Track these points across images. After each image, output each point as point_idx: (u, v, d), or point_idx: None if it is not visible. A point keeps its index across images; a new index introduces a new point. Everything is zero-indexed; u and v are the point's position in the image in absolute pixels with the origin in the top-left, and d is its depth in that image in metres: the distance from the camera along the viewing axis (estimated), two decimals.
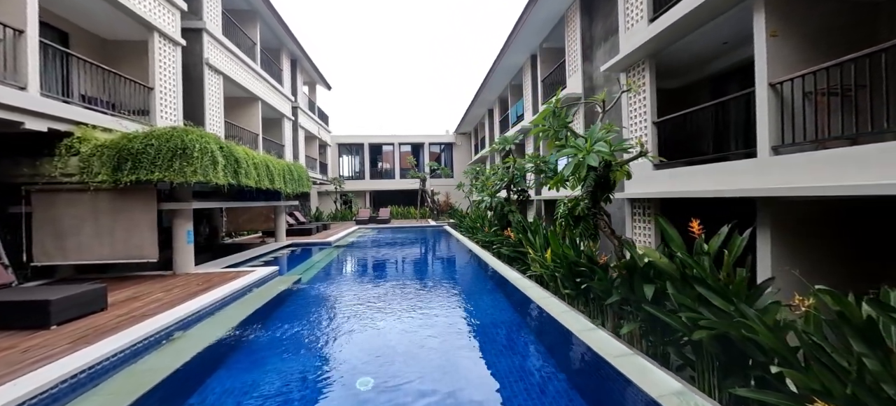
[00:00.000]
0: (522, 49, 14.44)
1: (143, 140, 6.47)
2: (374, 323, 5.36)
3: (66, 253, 6.76)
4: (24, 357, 3.54)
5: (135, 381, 3.52)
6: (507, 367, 4.15)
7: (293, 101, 18.25)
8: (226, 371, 3.90)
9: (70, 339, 3.99)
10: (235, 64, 12.38)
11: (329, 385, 3.69)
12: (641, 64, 7.89)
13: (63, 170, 6.44)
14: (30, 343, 3.89)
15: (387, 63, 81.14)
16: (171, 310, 4.89)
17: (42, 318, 4.26)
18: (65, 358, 3.43)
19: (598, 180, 4.85)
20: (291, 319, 5.44)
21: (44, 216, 6.71)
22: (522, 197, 10.69)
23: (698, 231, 4.10)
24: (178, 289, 6.18)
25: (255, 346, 4.42)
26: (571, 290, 6.22)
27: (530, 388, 3.62)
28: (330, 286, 7.61)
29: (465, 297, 7.03)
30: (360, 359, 4.24)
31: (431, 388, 3.60)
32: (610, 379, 3.32)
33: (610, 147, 4.37)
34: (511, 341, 4.91)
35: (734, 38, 7.04)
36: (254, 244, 12.63)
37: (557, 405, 3.30)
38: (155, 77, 8.63)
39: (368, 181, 28.54)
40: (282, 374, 3.78)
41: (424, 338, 4.95)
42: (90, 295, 4.78)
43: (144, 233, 6.90)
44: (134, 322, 4.48)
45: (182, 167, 6.47)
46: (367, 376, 3.90)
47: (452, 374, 3.99)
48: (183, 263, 7.50)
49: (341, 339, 4.76)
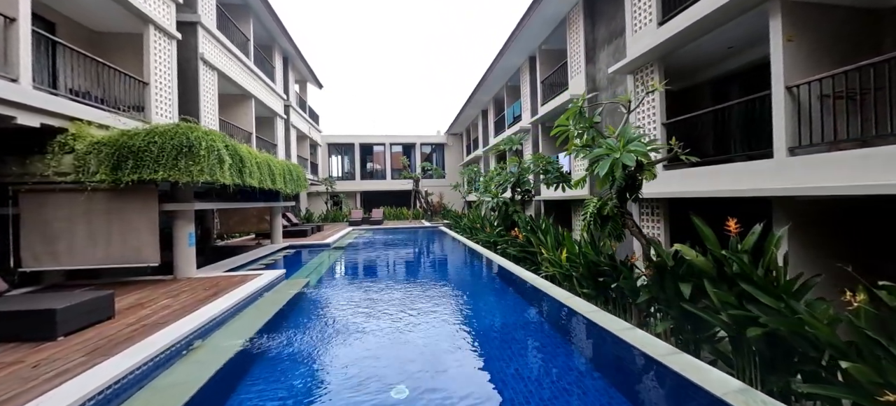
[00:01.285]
0: (521, 51, 14.51)
1: (144, 137, 6.10)
2: (398, 328, 5.21)
3: (57, 257, 6.30)
4: (35, 373, 3.24)
5: (162, 400, 3.27)
6: (548, 367, 4.10)
7: (285, 99, 17.76)
8: (253, 384, 3.68)
9: (82, 351, 3.69)
10: (230, 60, 11.93)
11: (363, 396, 3.50)
12: (650, 66, 8.02)
13: (56, 168, 6.00)
14: (38, 357, 3.57)
15: (376, 63, 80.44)
16: (186, 317, 4.61)
17: (47, 328, 3.92)
18: (83, 374, 3.15)
19: (627, 180, 4.87)
20: (311, 326, 5.23)
21: (33, 218, 6.24)
22: (527, 197, 10.71)
23: (735, 230, 4.15)
24: (185, 294, 5.85)
25: (280, 356, 4.20)
26: (590, 289, 6.24)
27: (580, 388, 3.57)
28: (342, 290, 7.39)
29: (486, 299, 6.96)
30: (391, 366, 4.09)
31: (472, 393, 3.50)
32: (665, 378, 3.30)
33: (645, 147, 4.38)
34: (546, 342, 4.87)
35: (741, 42, 7.24)
36: (248, 246, 12.19)
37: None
38: (150, 72, 8.19)
39: (359, 182, 28.12)
40: (313, 387, 3.59)
41: (455, 342, 4.85)
42: (97, 303, 4.45)
43: (144, 235, 6.51)
44: (148, 332, 4.19)
45: (188, 166, 6.13)
46: (401, 385, 3.77)
47: (491, 378, 3.90)
48: (184, 267, 7.12)
49: (366, 345, 4.58)
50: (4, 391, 2.91)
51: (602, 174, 4.45)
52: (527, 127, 14.92)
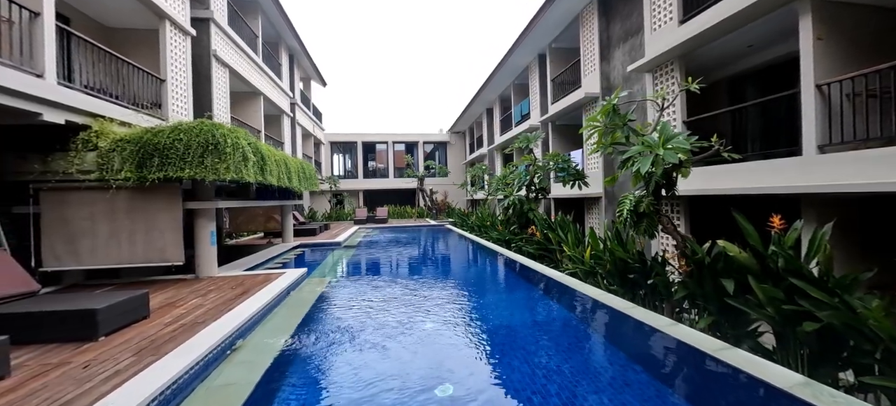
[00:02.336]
0: (530, 49, 14.51)
1: (169, 134, 6.01)
2: (435, 325, 5.20)
3: (79, 256, 6.19)
4: (88, 374, 3.17)
5: (219, 400, 3.23)
6: (593, 362, 4.12)
7: (292, 96, 17.62)
8: (303, 383, 3.64)
9: (129, 351, 3.63)
10: (240, 57, 11.80)
11: (407, 395, 3.46)
12: (670, 65, 8.06)
13: (80, 166, 5.89)
14: (85, 357, 3.50)
15: (377, 61, 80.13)
16: (225, 317, 4.55)
17: (89, 329, 3.85)
18: (140, 374, 3.09)
19: (664, 178, 4.89)
20: (346, 324, 5.18)
21: (54, 217, 6.13)
22: (542, 195, 10.73)
23: (779, 225, 4.19)
24: (213, 294, 5.78)
25: (322, 354, 4.16)
26: (617, 286, 6.27)
27: (631, 383, 3.58)
28: (368, 288, 7.33)
29: (514, 295, 6.95)
30: (432, 364, 4.07)
31: (519, 392, 3.49)
32: (722, 374, 3.32)
33: (687, 143, 4.40)
34: (587, 337, 4.88)
35: (762, 40, 7.30)
36: (259, 245, 12.08)
37: (669, 402, 3.27)
38: (166, 68, 8.08)
39: (362, 180, 28.00)
40: (357, 384, 3.53)
41: (494, 339, 4.85)
42: (133, 302, 4.38)
43: (167, 234, 6.42)
44: (188, 331, 4.14)
45: (214, 164, 6.05)
46: (446, 383, 3.76)
47: (535, 374, 3.90)
48: (206, 266, 7.04)
49: (404, 343, 4.55)
50: (62, 393, 2.85)
51: (643, 171, 4.46)
52: (536, 125, 14.94)
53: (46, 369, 3.27)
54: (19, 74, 4.88)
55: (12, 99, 4.80)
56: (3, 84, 4.59)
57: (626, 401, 3.37)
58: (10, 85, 4.68)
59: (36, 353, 3.59)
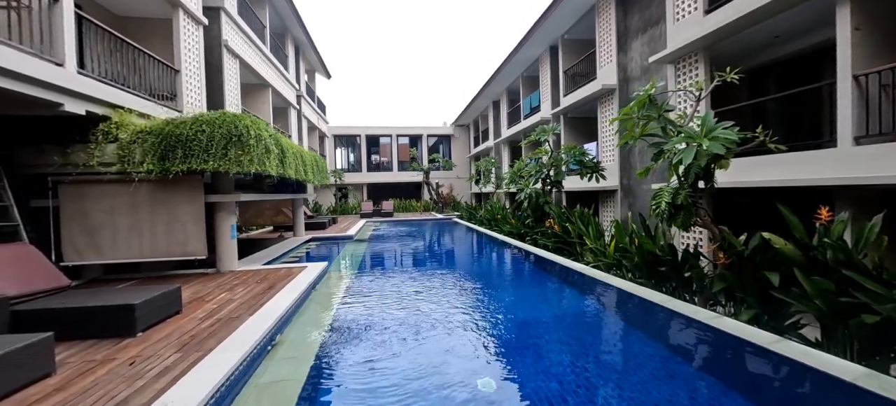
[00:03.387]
0: (542, 41, 14.34)
1: (192, 125, 5.87)
2: (468, 318, 5.14)
3: (100, 250, 6.08)
4: (137, 371, 3.09)
5: (273, 397, 3.15)
6: (635, 354, 4.08)
7: (298, 89, 17.39)
8: (350, 376, 3.57)
9: (172, 347, 3.55)
10: (250, 48, 11.59)
11: (451, 388, 3.41)
12: (693, 56, 7.96)
13: (100, 158, 5.75)
14: (128, 353, 3.42)
15: (379, 53, 79.38)
16: (260, 312, 4.47)
17: (127, 324, 3.76)
18: (193, 371, 3.01)
19: (703, 170, 4.81)
20: (379, 318, 5.12)
21: (73, 210, 6.00)
22: (557, 189, 10.66)
23: (827, 217, 4.14)
24: (240, 288, 5.70)
25: (362, 349, 4.10)
26: (645, 279, 6.23)
27: (679, 376, 3.55)
28: (392, 282, 7.24)
29: (539, 289, 6.91)
30: (469, 357, 4.03)
31: (563, 388, 3.45)
32: (780, 366, 3.28)
33: (732, 134, 4.32)
34: (627, 331, 4.85)
35: (790, 31, 7.21)
36: (271, 239, 11.97)
37: (729, 399, 3.23)
38: (181, 58, 7.89)
39: (366, 174, 27.83)
40: (398, 379, 3.48)
41: (528, 332, 4.82)
42: (168, 297, 4.29)
43: (190, 227, 6.31)
44: (224, 327, 4.06)
45: (238, 156, 5.93)
46: (487, 377, 3.71)
47: (580, 368, 3.87)
48: (227, 260, 6.94)
49: (440, 336, 4.50)
50: (115, 391, 2.77)
51: (687, 162, 4.39)
52: (547, 117, 14.83)
53: (91, 366, 3.18)
54: (41, 63, 4.73)
55: (35, 88, 4.65)
56: (27, 72, 4.44)
57: (674, 394, 3.34)
58: (33, 73, 4.52)
59: (76, 350, 3.50)
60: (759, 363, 3.51)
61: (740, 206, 7.77)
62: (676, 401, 3.22)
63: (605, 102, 11.15)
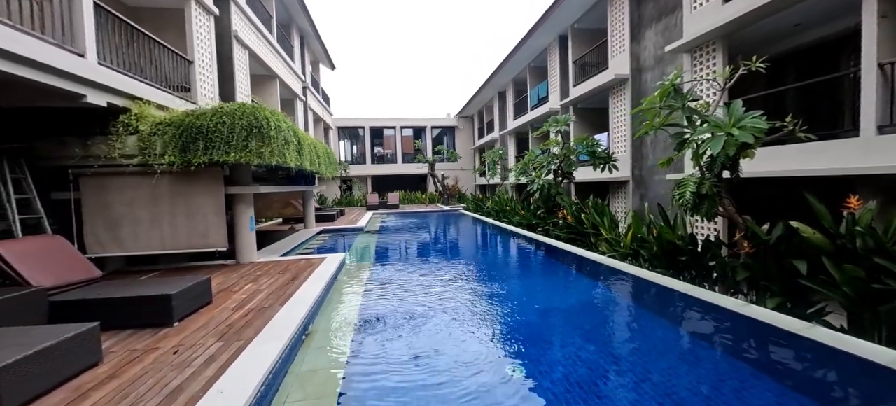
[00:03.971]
0: (551, 30, 14.20)
1: (212, 117, 5.85)
2: (489, 306, 5.19)
3: (122, 242, 6.10)
4: (182, 360, 3.13)
5: (316, 386, 3.19)
6: (661, 343, 4.13)
7: (304, 80, 17.27)
8: (386, 365, 3.61)
9: (211, 336, 3.59)
10: (258, 38, 11.48)
11: (483, 375, 3.46)
12: (711, 45, 7.89)
13: (122, 150, 5.75)
14: (169, 343, 3.46)
15: (380, 45, 78.65)
16: (291, 302, 4.50)
17: (165, 314, 3.80)
18: (240, 359, 3.05)
19: (730, 159, 4.81)
20: (405, 308, 5.16)
21: (95, 203, 6.01)
22: (569, 179, 10.66)
23: (856, 205, 4.16)
24: (264, 279, 5.73)
25: (394, 337, 4.15)
26: (662, 269, 6.27)
27: (706, 360, 3.59)
28: (411, 272, 7.28)
29: (558, 278, 6.95)
30: (498, 342, 4.12)
31: (598, 377, 3.50)
32: (814, 351, 3.32)
33: (761, 123, 4.31)
34: (652, 318, 4.89)
35: (812, 19, 7.15)
36: (282, 231, 12.00)
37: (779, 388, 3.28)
38: (194, 49, 7.83)
39: (370, 166, 27.77)
40: (433, 367, 3.53)
41: (551, 319, 4.87)
42: (199, 287, 4.32)
43: (210, 219, 6.32)
44: (258, 316, 4.10)
45: (259, 148, 5.92)
46: (517, 363, 3.76)
47: (607, 355, 3.92)
48: (246, 252, 6.97)
49: (470, 326, 4.55)
50: (166, 379, 2.81)
51: (715, 151, 4.39)
52: (556, 108, 14.76)
53: (136, 355, 3.22)
54: (64, 53, 4.69)
55: (58, 79, 4.63)
56: (52, 63, 4.42)
57: (702, 378, 3.39)
58: (57, 64, 4.50)
59: (116, 339, 3.54)
60: (791, 349, 3.56)
61: (755, 196, 7.79)
62: (705, 384, 3.27)
63: (617, 93, 11.09)
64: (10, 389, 2.36)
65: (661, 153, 9.67)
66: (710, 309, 4.43)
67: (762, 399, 3.04)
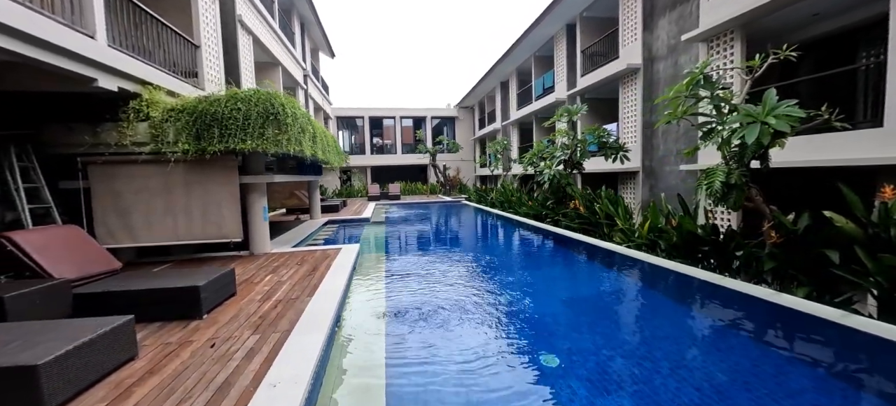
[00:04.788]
0: (558, 19, 14.02)
1: (227, 103, 5.65)
2: (513, 295, 5.15)
3: (134, 233, 5.93)
4: (221, 352, 3.03)
5: (359, 382, 3.12)
6: (690, 330, 4.13)
7: (305, 68, 16.91)
8: (423, 358, 3.55)
9: (245, 328, 3.49)
10: (261, 24, 11.15)
11: (517, 364, 3.45)
12: (729, 34, 7.82)
13: (133, 137, 5.54)
14: (201, 335, 3.35)
15: (378, 33, 77.23)
16: (318, 293, 4.41)
17: (193, 306, 3.68)
18: (284, 352, 2.96)
19: (759, 149, 4.78)
20: (428, 299, 5.10)
21: (105, 192, 5.81)
22: (579, 170, 10.61)
23: (891, 195, 4.16)
24: (283, 270, 5.61)
25: (425, 328, 4.09)
26: (680, 259, 6.27)
27: (737, 347, 3.59)
28: (428, 263, 7.21)
29: (580, 268, 6.93)
30: (530, 333, 4.10)
31: (628, 356, 3.50)
32: (854, 338, 3.33)
33: (796, 112, 4.26)
34: (679, 307, 4.89)
35: (830, 9, 7.10)
36: (287, 222, 11.83)
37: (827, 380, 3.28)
38: (200, 33, 7.56)
39: (369, 156, 27.49)
40: (468, 357, 3.50)
41: (577, 307, 4.85)
42: (225, 279, 4.20)
43: (225, 209, 6.16)
44: (288, 308, 4.00)
45: (276, 135, 5.75)
46: (551, 354, 3.74)
47: (636, 343, 3.90)
48: (260, 243, 6.83)
49: (499, 315, 4.52)
50: (210, 374, 2.71)
51: (750, 140, 4.34)
52: (562, 98, 14.65)
53: (171, 348, 3.11)
54: (74, 34, 4.46)
55: (69, 61, 4.41)
56: (62, 44, 4.20)
57: (737, 364, 3.39)
58: (67, 45, 4.27)
59: (146, 332, 3.42)
60: (825, 335, 3.57)
61: (775, 186, 7.81)
62: (742, 371, 3.28)
63: (628, 82, 11.01)
64: (53, 385, 2.25)
65: (674, 143, 9.66)
66: (739, 297, 4.44)
67: (799, 384, 3.08)
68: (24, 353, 2.29)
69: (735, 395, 2.91)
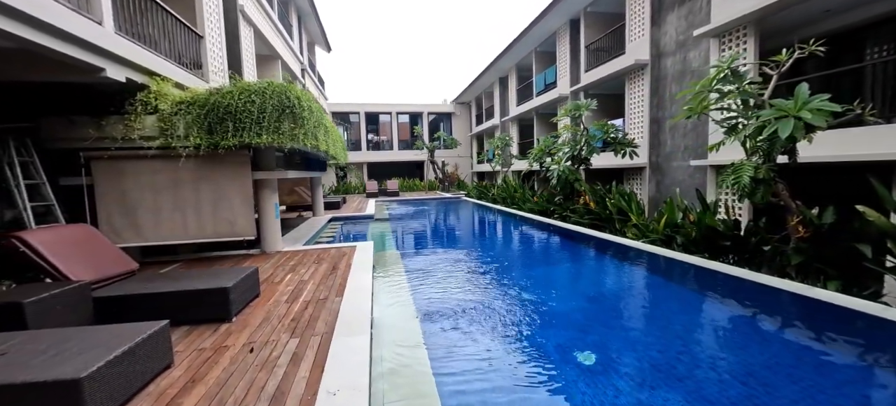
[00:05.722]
0: (562, 14, 13.94)
1: (240, 96, 5.40)
2: (542, 297, 5.07)
3: (141, 232, 5.64)
4: (263, 358, 2.86)
5: (409, 387, 2.99)
6: (722, 325, 4.11)
7: (302, 62, 16.50)
8: (464, 357, 3.44)
9: (283, 330, 3.31)
10: (261, 15, 10.79)
11: (555, 365, 3.37)
12: (742, 30, 7.84)
13: (141, 131, 5.25)
14: (235, 339, 3.17)
15: (372, 29, 76.07)
16: (348, 292, 4.24)
17: (222, 309, 3.49)
18: (332, 361, 2.79)
19: (790, 144, 4.77)
20: (453, 298, 4.98)
21: (110, 189, 5.51)
22: (586, 166, 10.59)
23: None
24: (303, 269, 5.41)
25: (457, 328, 3.98)
26: (699, 253, 6.28)
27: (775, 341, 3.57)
28: (446, 261, 7.07)
29: (602, 264, 6.88)
30: (563, 330, 4.05)
31: (664, 351, 3.46)
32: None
33: (829, 105, 4.25)
34: (712, 303, 4.87)
35: (841, 4, 7.17)
36: (290, 219, 11.53)
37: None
38: (204, 23, 7.23)
39: (365, 152, 27.10)
40: (505, 359, 3.42)
41: (600, 304, 4.80)
42: (250, 279, 4.00)
43: (237, 206, 5.91)
44: (320, 307, 3.84)
45: (292, 130, 5.52)
46: (587, 351, 3.67)
47: (672, 339, 3.87)
48: (272, 241, 6.59)
49: (528, 312, 4.44)
50: (259, 382, 2.54)
51: (784, 135, 4.32)
52: (565, 94, 14.62)
53: (207, 354, 2.92)
54: (82, 20, 4.16)
55: (76, 48, 4.12)
56: (70, 30, 3.91)
57: (774, 358, 3.37)
58: (76, 31, 3.99)
59: (175, 338, 3.21)
60: (860, 327, 3.57)
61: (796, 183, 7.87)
62: (781, 365, 3.27)
63: (635, 78, 11.01)
64: (97, 399, 2.06)
65: (681, 139, 9.69)
66: (762, 289, 4.45)
67: (845, 375, 3.08)
68: (62, 366, 2.08)
69: (780, 386, 2.90)
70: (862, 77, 7.70)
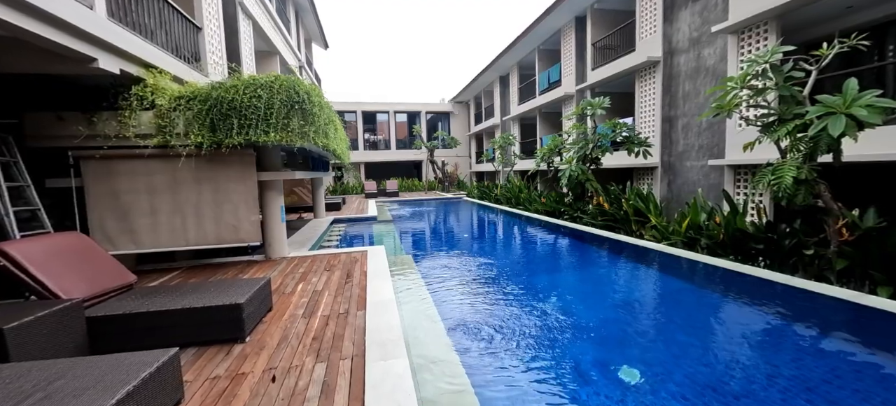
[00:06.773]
0: (567, 11, 13.67)
1: (245, 90, 4.98)
2: (571, 304, 4.76)
3: (136, 238, 5.19)
4: (290, 388, 2.48)
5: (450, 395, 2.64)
6: (762, 333, 3.83)
7: (300, 59, 15.99)
8: (499, 369, 3.11)
9: (305, 353, 2.93)
10: (260, 9, 10.31)
11: (592, 378, 3.10)
12: (762, 26, 7.62)
13: (136, 129, 4.81)
14: (252, 364, 2.78)
15: (370, 27, 75.24)
16: (370, 304, 3.87)
17: (235, 328, 3.10)
18: (373, 393, 2.43)
19: (835, 142, 4.52)
20: (482, 308, 4.64)
21: (102, 191, 5.05)
22: (597, 165, 10.32)
23: None
24: (314, 277, 5.02)
25: (485, 338, 3.64)
26: (726, 257, 6.03)
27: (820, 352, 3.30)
28: (462, 265, 6.73)
29: (628, 269, 6.58)
30: (598, 343, 3.75)
31: (714, 369, 3.18)
32: None
33: (882, 101, 4.01)
34: (750, 309, 4.59)
35: (864, 1, 6.99)
36: (291, 221, 11.07)
37: None
38: (202, 14, 6.78)
39: (363, 152, 26.61)
40: (541, 372, 3.15)
41: (640, 311, 4.50)
42: (263, 292, 3.61)
43: (241, 210, 5.49)
44: (343, 325, 3.46)
45: (302, 127, 5.12)
46: (629, 366, 3.37)
47: (718, 349, 3.57)
48: (278, 246, 6.17)
49: (559, 320, 4.12)
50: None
51: (835, 133, 4.06)
52: (570, 93, 14.36)
53: (223, 384, 2.53)
54: (71, 3, 3.72)
55: (67, 36, 3.69)
56: (58, 14, 3.48)
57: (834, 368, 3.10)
58: (65, 15, 3.55)
59: (183, 362, 2.82)
60: None
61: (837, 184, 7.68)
62: (843, 378, 3.02)
63: (646, 76, 10.77)
64: None
65: (695, 138, 9.48)
66: (807, 296, 4.19)
67: None
68: None
69: (845, 400, 2.66)
70: (884, 74, 7.55)
